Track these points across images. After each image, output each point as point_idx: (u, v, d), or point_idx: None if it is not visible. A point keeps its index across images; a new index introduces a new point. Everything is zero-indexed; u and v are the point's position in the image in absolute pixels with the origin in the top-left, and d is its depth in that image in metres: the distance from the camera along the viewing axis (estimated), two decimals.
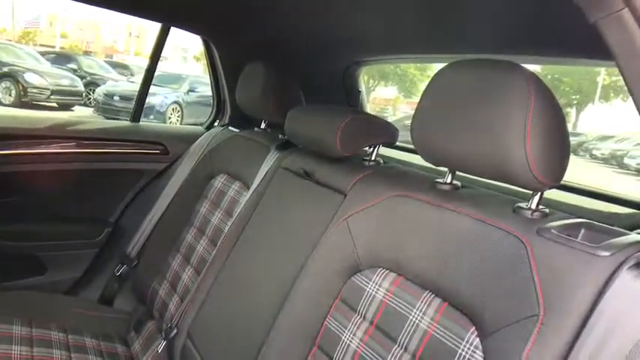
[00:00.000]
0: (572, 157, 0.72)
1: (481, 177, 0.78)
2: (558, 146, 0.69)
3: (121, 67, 12.79)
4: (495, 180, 0.76)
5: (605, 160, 9.70)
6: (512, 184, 0.73)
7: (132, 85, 9.45)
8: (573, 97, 12.95)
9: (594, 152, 10.14)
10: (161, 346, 1.21)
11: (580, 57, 1.14)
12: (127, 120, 1.82)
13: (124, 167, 1.69)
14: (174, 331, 1.19)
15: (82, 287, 1.66)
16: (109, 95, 9.00)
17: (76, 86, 9.33)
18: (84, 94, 9.44)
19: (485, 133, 0.70)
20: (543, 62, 1.34)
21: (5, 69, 8.55)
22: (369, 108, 1.97)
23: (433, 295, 0.76)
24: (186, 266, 1.41)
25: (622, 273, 0.58)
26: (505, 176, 0.72)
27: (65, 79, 9.21)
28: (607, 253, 0.60)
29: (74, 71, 10.17)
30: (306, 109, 1.20)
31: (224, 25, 1.63)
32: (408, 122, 0.85)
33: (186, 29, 1.66)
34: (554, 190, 0.99)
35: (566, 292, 0.60)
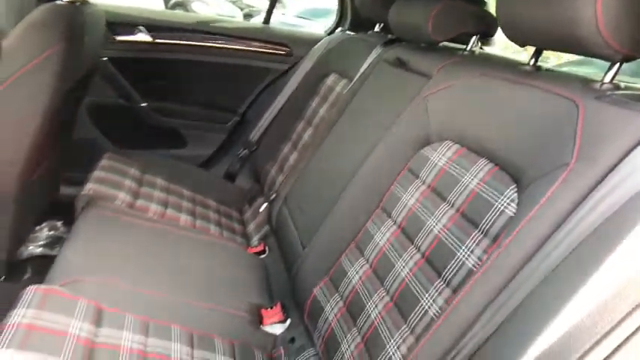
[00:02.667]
0: None
1: (555, 49, 0.77)
2: (636, 9, 0.65)
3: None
4: (568, 51, 0.74)
5: None
6: (583, 53, 0.71)
7: (283, 17, 9.90)
8: None
9: None
10: (263, 206, 1.42)
11: None
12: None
13: (254, 64, 1.91)
14: (274, 195, 1.39)
15: (211, 164, 1.97)
16: None
17: (235, 16, 10.10)
18: None
19: None
20: None
21: None
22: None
23: (488, 161, 0.80)
24: (293, 151, 1.59)
25: None
26: (574, 43, 0.69)
27: (227, 9, 10.03)
28: None
29: (234, 2, 10.98)
30: None
31: None
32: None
33: None
34: None
35: (601, 143, 0.60)
